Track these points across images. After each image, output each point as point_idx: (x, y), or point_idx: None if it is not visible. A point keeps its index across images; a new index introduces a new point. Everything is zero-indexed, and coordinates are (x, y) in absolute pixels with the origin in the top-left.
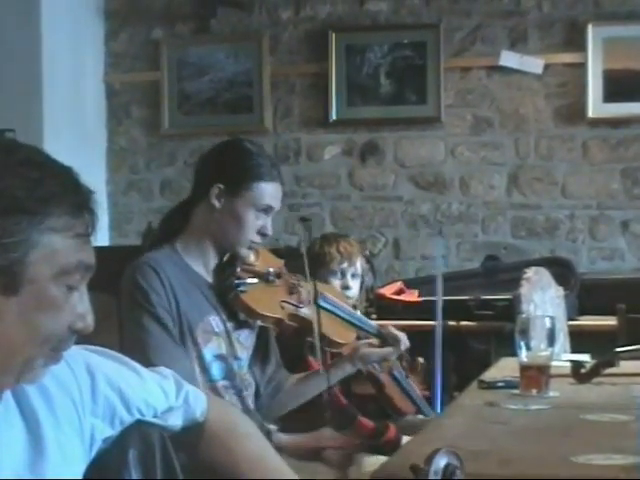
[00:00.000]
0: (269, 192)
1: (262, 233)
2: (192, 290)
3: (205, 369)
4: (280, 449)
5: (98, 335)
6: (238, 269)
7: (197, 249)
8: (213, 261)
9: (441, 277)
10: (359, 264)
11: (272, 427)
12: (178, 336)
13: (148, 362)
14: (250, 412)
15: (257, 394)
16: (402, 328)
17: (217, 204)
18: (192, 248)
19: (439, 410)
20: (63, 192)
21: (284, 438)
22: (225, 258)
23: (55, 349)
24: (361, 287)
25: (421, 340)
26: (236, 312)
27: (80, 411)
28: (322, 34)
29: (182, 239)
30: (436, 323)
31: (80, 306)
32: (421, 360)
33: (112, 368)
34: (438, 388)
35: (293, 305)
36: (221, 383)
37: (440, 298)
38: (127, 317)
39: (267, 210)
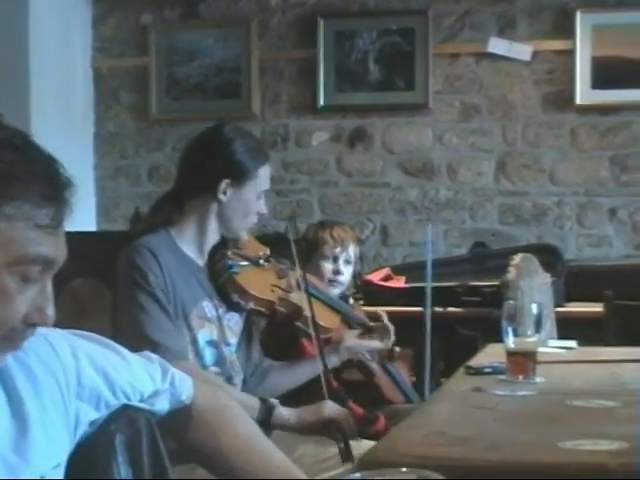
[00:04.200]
0: (267, 174)
1: (259, 213)
2: (187, 275)
3: (199, 354)
4: (283, 424)
5: (89, 319)
6: (229, 252)
7: (194, 236)
8: (209, 246)
9: (431, 264)
10: (352, 251)
11: (274, 401)
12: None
13: (146, 340)
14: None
15: (244, 381)
16: (389, 314)
17: (224, 198)
18: (187, 235)
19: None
20: (31, 180)
21: (286, 412)
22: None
23: (7, 338)
24: (352, 274)
25: (408, 326)
26: (227, 295)
27: (65, 394)
28: (311, 20)
29: (178, 227)
30: (422, 310)
31: (39, 299)
32: (397, 349)
33: (97, 351)
34: (427, 375)
35: (282, 290)
36: (212, 369)
37: (429, 285)
38: (124, 297)
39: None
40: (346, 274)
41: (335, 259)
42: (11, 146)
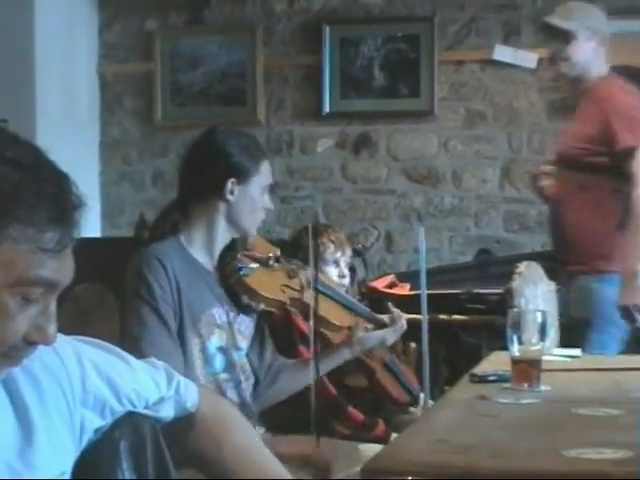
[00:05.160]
0: (269, 169)
1: (266, 209)
2: (197, 282)
3: (208, 362)
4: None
5: (92, 324)
6: (238, 254)
7: (204, 241)
8: (219, 248)
9: (424, 267)
10: (348, 253)
11: (260, 430)
12: (179, 330)
13: (140, 355)
14: (246, 405)
15: (256, 382)
16: None
17: (232, 198)
18: (197, 240)
19: (429, 405)
20: (37, 202)
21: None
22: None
23: (7, 356)
24: (351, 276)
25: (412, 333)
26: (238, 297)
27: (70, 401)
28: (316, 26)
29: (186, 234)
30: (428, 317)
31: (40, 318)
32: (413, 345)
33: (102, 358)
34: (427, 382)
35: (293, 290)
36: (222, 376)
37: (424, 291)
38: (128, 307)
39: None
40: (348, 277)
41: (337, 263)
42: (20, 166)
